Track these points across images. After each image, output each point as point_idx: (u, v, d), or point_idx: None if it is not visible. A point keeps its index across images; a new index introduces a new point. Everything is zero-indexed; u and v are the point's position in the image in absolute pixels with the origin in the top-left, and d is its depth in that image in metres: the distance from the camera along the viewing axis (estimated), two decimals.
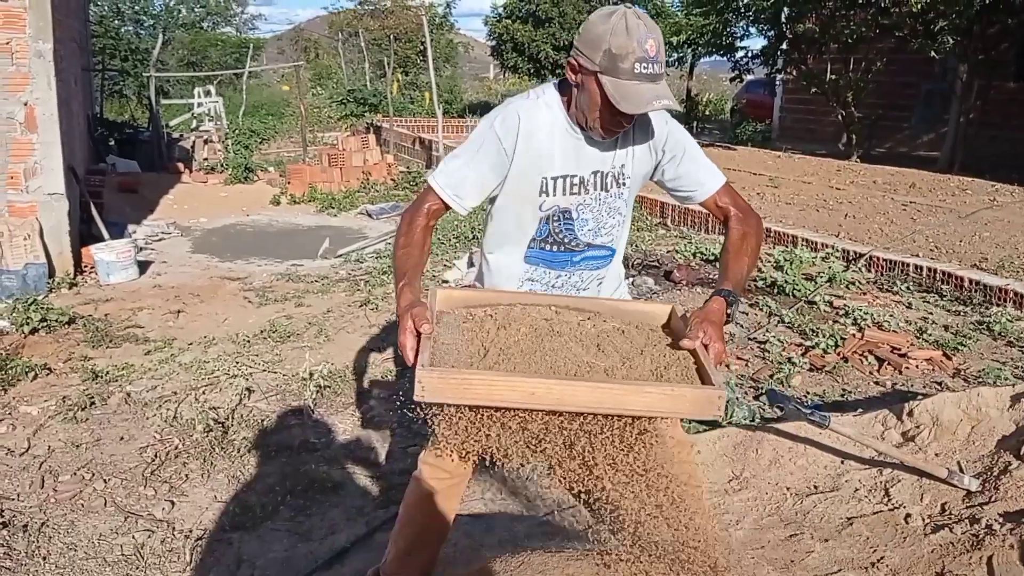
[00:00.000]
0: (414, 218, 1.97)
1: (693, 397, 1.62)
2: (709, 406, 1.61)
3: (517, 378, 1.58)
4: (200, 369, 4.49)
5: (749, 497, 3.10)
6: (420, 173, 11.87)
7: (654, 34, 1.80)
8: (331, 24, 31.26)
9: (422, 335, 1.64)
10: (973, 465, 2.96)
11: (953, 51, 11.78)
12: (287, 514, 3.10)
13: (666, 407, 1.63)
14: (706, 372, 1.68)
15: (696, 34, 16.68)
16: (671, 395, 1.62)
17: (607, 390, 1.60)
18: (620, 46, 1.77)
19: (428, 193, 2.00)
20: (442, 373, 1.56)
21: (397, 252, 1.93)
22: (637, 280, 6.23)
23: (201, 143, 13.56)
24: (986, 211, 8.20)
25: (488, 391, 1.56)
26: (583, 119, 1.91)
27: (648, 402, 1.60)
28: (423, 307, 1.71)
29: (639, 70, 1.77)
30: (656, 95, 1.78)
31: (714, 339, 1.74)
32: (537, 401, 1.57)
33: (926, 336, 4.89)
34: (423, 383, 1.54)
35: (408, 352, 1.63)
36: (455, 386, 1.55)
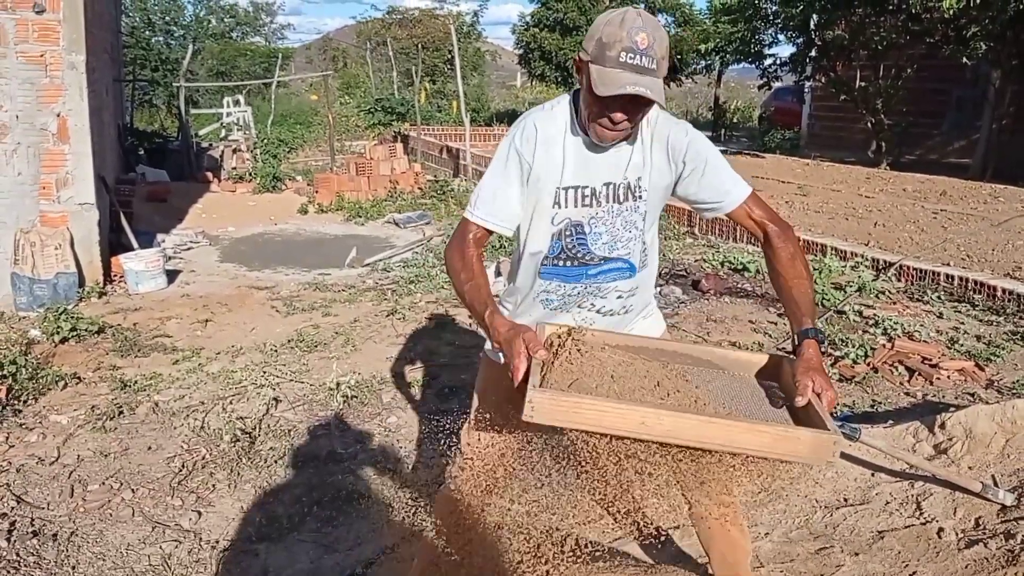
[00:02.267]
0: (464, 251, 1.96)
1: (809, 440, 1.58)
2: (824, 451, 1.58)
3: (628, 406, 1.58)
4: (227, 379, 4.52)
5: (778, 509, 3.06)
6: (447, 182, 11.90)
7: (650, 30, 1.77)
8: (359, 33, 31.50)
9: (534, 360, 1.64)
10: (1008, 479, 2.91)
11: (986, 57, 11.65)
12: (313, 525, 3.10)
13: (780, 449, 1.59)
14: (820, 419, 1.64)
15: (724, 42, 16.59)
16: (786, 437, 1.59)
17: (722, 426, 1.57)
18: (610, 35, 1.77)
19: (468, 225, 1.99)
20: (554, 395, 1.57)
21: (463, 287, 1.91)
22: (664, 290, 6.20)
23: (230, 152, 13.67)
24: (1020, 219, 8.08)
25: (598, 417, 1.56)
26: (583, 117, 1.90)
27: (762, 442, 1.58)
28: (533, 333, 1.71)
29: (624, 59, 1.75)
30: (634, 82, 1.74)
31: (825, 387, 1.71)
32: (646, 431, 1.56)
33: (958, 346, 4.82)
34: (534, 403, 1.54)
35: (519, 374, 1.64)
36: (566, 410, 1.56)
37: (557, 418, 1.56)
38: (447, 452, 3.57)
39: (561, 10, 21.99)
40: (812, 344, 1.80)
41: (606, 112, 1.81)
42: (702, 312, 5.73)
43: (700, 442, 1.58)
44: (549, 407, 1.55)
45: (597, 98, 1.79)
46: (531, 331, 1.71)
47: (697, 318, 5.59)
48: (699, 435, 1.57)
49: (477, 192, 2.01)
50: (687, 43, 20.91)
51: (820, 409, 1.66)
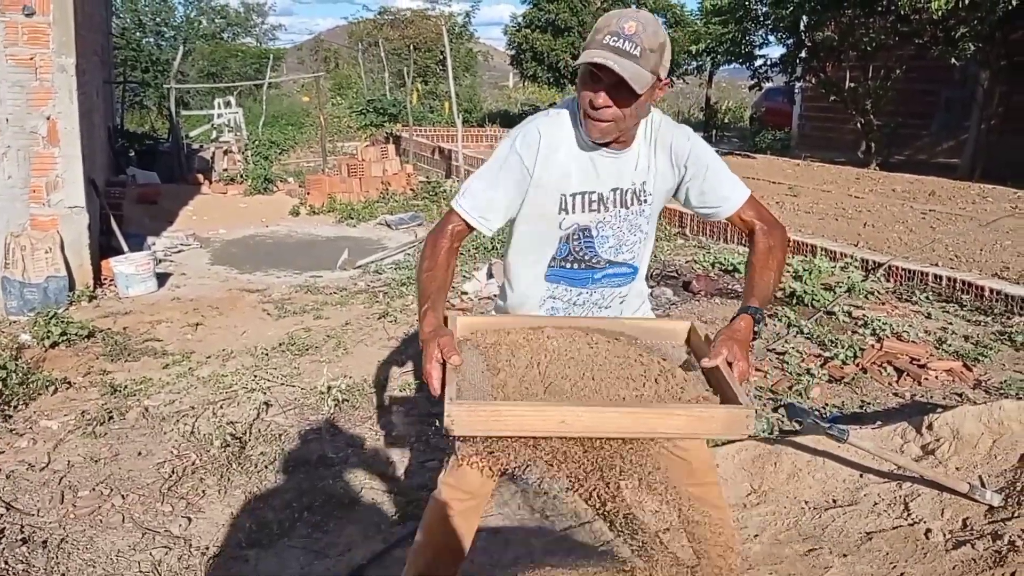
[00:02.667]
0: (438, 240, 1.97)
1: (722, 418, 1.62)
2: (738, 426, 1.61)
3: (546, 407, 1.59)
4: (218, 383, 4.52)
5: (767, 511, 3.08)
6: (440, 183, 11.90)
7: (643, 22, 1.79)
8: (351, 34, 31.46)
9: (448, 366, 1.65)
10: (995, 480, 2.93)
11: (974, 58, 11.73)
12: (304, 531, 3.10)
13: (696, 429, 1.64)
14: (732, 390, 1.66)
15: (715, 42, 16.64)
16: (700, 416, 1.62)
17: (637, 415, 1.60)
18: (601, 22, 1.81)
19: (451, 215, 2.00)
20: (471, 406, 1.57)
21: (422, 275, 1.92)
22: (656, 291, 6.21)
23: (221, 154, 13.64)
24: (1008, 219, 8.13)
25: (518, 422, 1.57)
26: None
27: (677, 425, 1.60)
28: (450, 336, 1.71)
29: (607, 41, 1.77)
30: (605, 56, 1.76)
31: (739, 357, 1.72)
32: (567, 429, 1.58)
33: (946, 347, 4.85)
34: (452, 416, 1.54)
35: (434, 383, 1.63)
36: (485, 419, 1.57)
37: (477, 428, 1.57)
38: (438, 457, 3.59)
39: (553, 11, 22.00)
40: (745, 318, 1.83)
41: (588, 96, 1.83)
42: (693, 313, 5.75)
43: (620, 432, 1.61)
44: (468, 418, 1.55)
45: (580, 83, 1.84)
46: (448, 335, 1.71)
47: (687, 319, 5.59)
48: (618, 426, 1.59)
49: (467, 184, 2.02)
50: (678, 44, 20.91)
51: (732, 381, 1.68)
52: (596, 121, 1.85)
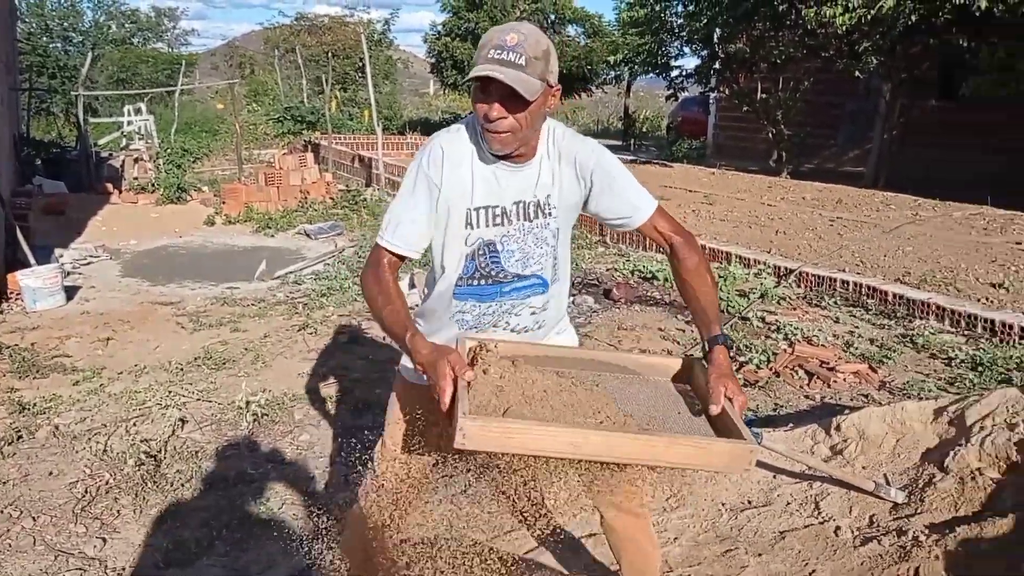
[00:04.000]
0: (379, 275, 1.97)
1: (727, 451, 1.65)
2: (741, 460, 1.65)
3: (558, 428, 1.62)
4: (131, 399, 4.39)
5: (686, 514, 3.15)
6: (360, 192, 11.81)
7: (524, 32, 1.84)
8: (267, 40, 30.98)
9: (459, 383, 1.66)
10: (899, 478, 3.06)
11: (877, 71, 12.22)
12: (223, 549, 3.05)
13: (700, 461, 1.66)
14: (735, 426, 1.71)
15: (632, 53, 16.98)
16: (705, 448, 1.65)
17: (645, 442, 1.64)
18: (484, 40, 1.85)
19: (380, 251, 2.00)
20: (484, 422, 1.59)
21: (382, 312, 1.92)
22: (577, 299, 6.29)
23: (131, 162, 13.26)
24: (909, 226, 8.48)
25: (528, 441, 1.60)
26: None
27: (682, 455, 1.64)
28: (458, 353, 1.72)
29: (491, 55, 1.81)
30: (491, 68, 1.80)
31: (736, 393, 1.78)
32: (575, 451, 1.61)
33: (853, 350, 5.03)
34: (465, 431, 1.56)
35: (446, 398, 1.65)
36: (497, 435, 1.59)
37: (489, 444, 1.60)
38: (360, 470, 3.56)
39: (473, 20, 22.10)
40: (722, 350, 1.89)
41: (485, 110, 1.86)
42: (613, 321, 5.84)
43: (627, 459, 1.66)
44: (480, 434, 1.58)
45: (475, 97, 1.87)
46: (455, 352, 1.73)
47: (609, 327, 5.69)
48: (626, 453, 1.64)
49: (388, 217, 2.02)
50: (597, 54, 21.30)
51: (734, 415, 1.73)
52: (494, 133, 1.88)
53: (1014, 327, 5.09)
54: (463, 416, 1.57)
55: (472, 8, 22.39)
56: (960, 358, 4.83)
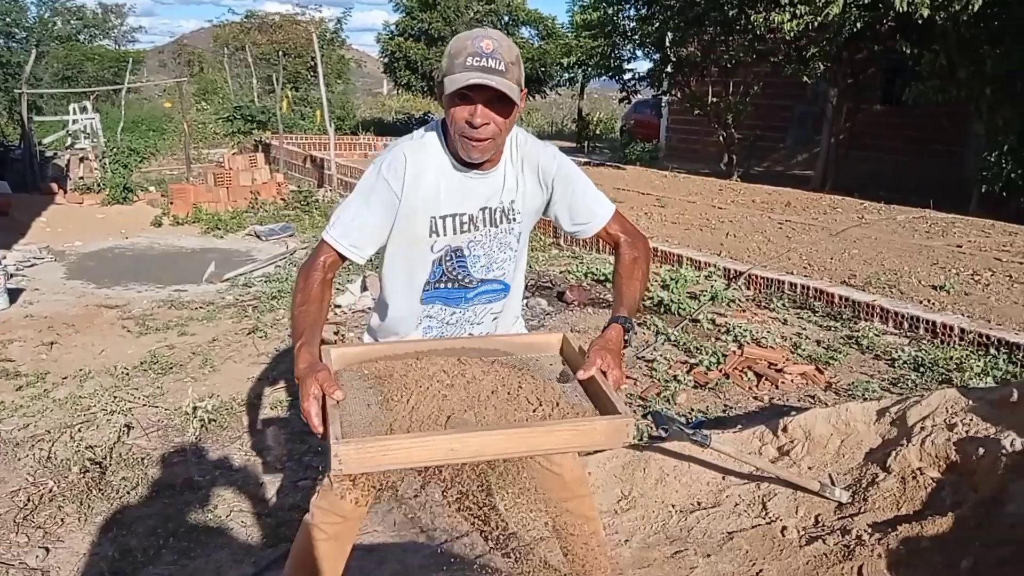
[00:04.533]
0: (310, 273, 1.93)
1: (604, 429, 1.67)
2: (619, 435, 1.67)
3: (434, 437, 1.60)
4: (75, 405, 4.30)
5: (637, 516, 3.18)
6: (312, 193, 11.70)
7: (496, 39, 1.84)
8: (216, 37, 30.55)
9: (328, 403, 1.62)
10: (843, 478, 3.11)
11: (824, 76, 12.46)
12: (170, 557, 3.00)
13: (580, 442, 1.68)
14: (609, 400, 1.71)
15: (586, 56, 17.05)
16: (582, 430, 1.66)
17: (522, 435, 1.63)
18: (457, 47, 1.84)
19: (323, 246, 1.97)
20: (359, 444, 1.55)
21: (295, 310, 1.88)
22: (531, 301, 6.31)
23: (76, 162, 12.97)
24: (855, 229, 8.66)
25: (407, 455, 1.58)
26: (452, 139, 1.92)
27: (562, 439, 1.65)
28: (327, 371, 1.68)
29: (471, 63, 1.80)
30: (479, 76, 1.79)
31: (612, 366, 1.78)
32: (455, 456, 1.60)
33: (800, 351, 5.12)
34: (340, 457, 1.52)
35: (314, 419, 1.60)
36: (374, 455, 1.55)
37: (367, 464, 1.56)
38: (311, 475, 3.54)
39: (426, 20, 22.06)
40: (615, 327, 1.90)
41: (465, 117, 1.84)
42: (567, 323, 5.87)
43: (507, 453, 1.66)
44: (357, 456, 1.54)
45: (452, 104, 1.84)
46: (324, 369, 1.69)
47: (562, 329, 5.70)
48: (505, 448, 1.63)
49: (336, 214, 1.99)
50: (551, 56, 21.37)
51: (609, 390, 1.74)
52: (477, 140, 1.87)
53: (954, 328, 5.22)
54: (335, 441, 1.53)
55: (425, 8, 22.34)
56: (903, 359, 4.94)
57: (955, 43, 10.08)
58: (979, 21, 9.53)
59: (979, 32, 9.88)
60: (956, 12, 9.28)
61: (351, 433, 1.60)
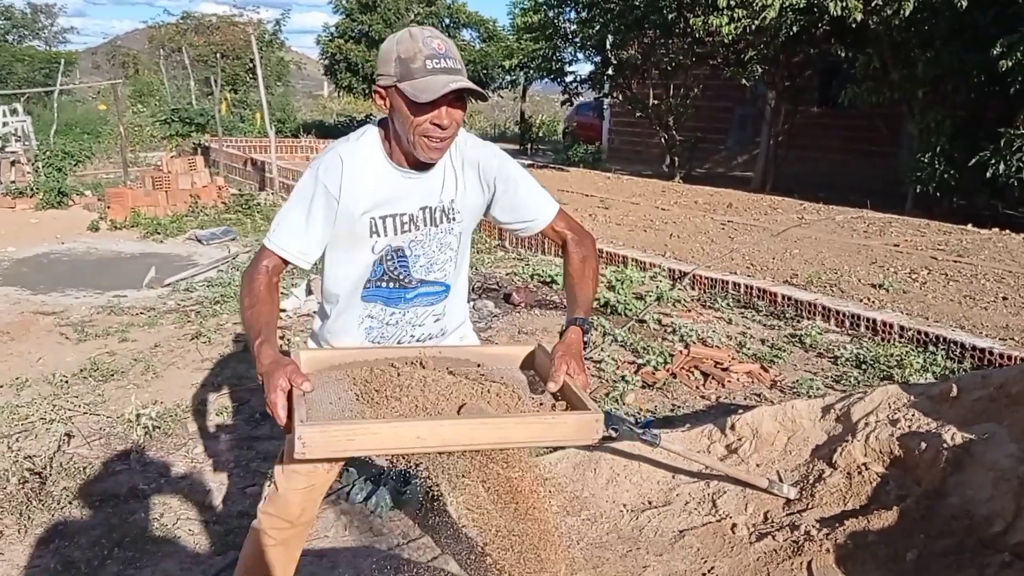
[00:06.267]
0: (254, 277, 1.91)
1: (574, 423, 1.67)
2: (589, 430, 1.67)
3: (402, 424, 1.59)
4: (12, 414, 4.17)
5: (588, 516, 3.19)
6: (253, 196, 11.52)
7: (441, 38, 1.84)
8: (151, 39, 29.98)
9: (294, 393, 1.60)
10: (791, 474, 3.17)
11: (762, 79, 12.72)
12: (115, 568, 2.92)
13: (550, 435, 1.69)
14: (578, 398, 1.73)
15: (528, 58, 17.14)
16: (553, 423, 1.67)
17: (492, 426, 1.63)
18: (407, 50, 1.82)
19: (265, 252, 1.95)
20: (324, 428, 1.53)
21: (244, 314, 1.86)
22: (478, 304, 6.30)
23: (8, 165, 12.59)
24: (795, 229, 8.84)
25: (374, 440, 1.56)
26: (404, 142, 1.90)
27: (532, 432, 1.65)
28: (295, 365, 1.67)
29: (431, 66, 1.79)
30: (451, 80, 1.79)
31: (577, 370, 1.80)
32: (423, 444, 1.58)
33: (745, 350, 5.21)
34: (305, 440, 1.49)
35: (279, 411, 1.59)
36: (339, 439, 1.53)
37: (332, 449, 1.55)
38: (259, 481, 3.48)
39: (366, 22, 21.93)
40: (575, 330, 1.91)
41: (433, 121, 1.83)
42: (514, 325, 5.88)
43: (476, 444, 1.66)
44: (321, 440, 1.52)
45: (419, 111, 1.81)
46: (292, 363, 1.68)
47: (509, 331, 5.72)
48: (473, 438, 1.63)
49: (277, 220, 1.97)
50: (492, 58, 21.42)
51: (578, 390, 1.76)
52: (439, 141, 1.87)
53: (894, 326, 5.36)
54: (300, 424, 1.52)
55: (365, 10, 22.22)
56: (845, 356, 5.06)
57: (888, 47, 10.36)
58: (910, 25, 9.82)
59: (910, 36, 10.17)
60: (888, 17, 9.55)
61: (317, 419, 1.58)
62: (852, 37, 10.79)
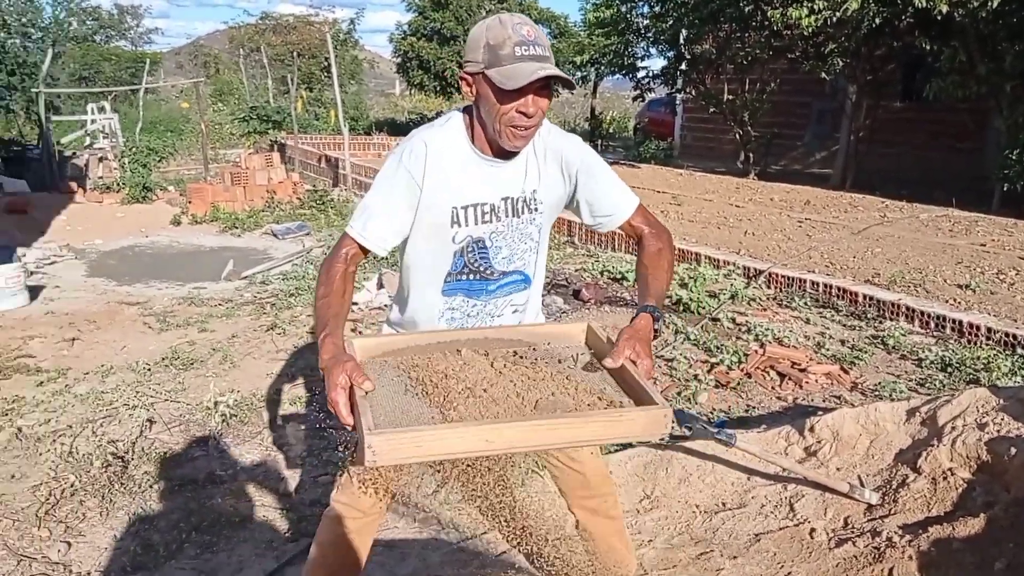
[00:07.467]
0: (332, 265, 1.91)
1: (643, 419, 1.61)
2: (658, 425, 1.61)
3: (469, 428, 1.57)
4: (97, 400, 4.31)
5: (660, 516, 3.14)
6: (327, 192, 11.71)
7: (531, 25, 1.81)
8: (232, 39, 30.74)
9: (356, 394, 1.59)
10: (873, 479, 3.07)
11: (842, 72, 12.37)
12: (192, 552, 2.99)
13: (617, 433, 1.64)
14: (643, 390, 1.66)
15: (599, 54, 17.02)
16: (621, 420, 1.61)
17: (559, 426, 1.59)
18: (495, 36, 1.79)
19: (345, 239, 1.94)
20: (392, 435, 1.52)
21: (317, 303, 1.85)
22: (547, 299, 6.28)
23: (95, 161, 13.06)
24: (877, 227, 8.58)
25: (442, 446, 1.54)
26: (490, 129, 1.88)
27: (599, 430, 1.60)
28: (354, 361, 1.65)
29: (520, 53, 1.76)
30: (540, 67, 1.76)
31: (642, 355, 1.72)
32: (491, 447, 1.56)
33: (824, 351, 5.07)
34: (374, 448, 1.48)
35: (342, 410, 1.57)
36: (408, 445, 1.52)
37: (401, 456, 1.53)
38: (331, 471, 3.52)
39: (438, 20, 22.06)
40: (644, 316, 1.83)
41: (519, 109, 1.80)
42: (583, 321, 5.82)
43: (543, 444, 1.62)
44: (390, 448, 1.50)
45: (506, 98, 1.79)
46: (351, 359, 1.65)
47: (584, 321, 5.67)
48: (542, 440, 1.59)
49: (360, 208, 1.96)
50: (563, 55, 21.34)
51: (640, 378, 1.69)
52: (525, 129, 1.84)
53: (981, 328, 5.16)
54: (368, 432, 1.49)
55: (438, 8, 22.34)
56: (930, 359, 4.88)
57: (974, 39, 9.98)
58: (998, 17, 9.42)
59: (998, 29, 9.77)
60: (974, 8, 9.18)
61: (383, 424, 1.56)
62: (937, 29, 10.41)
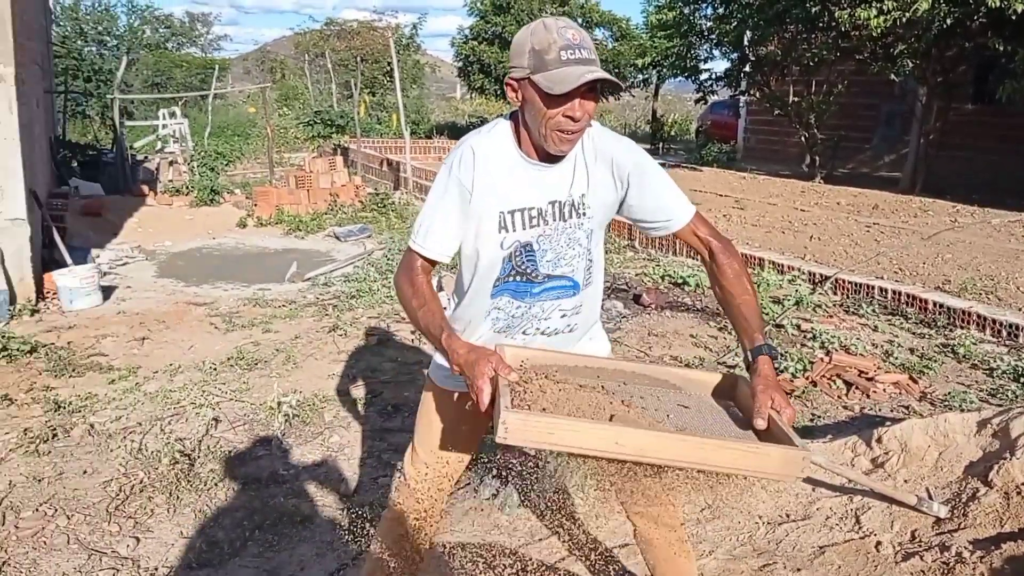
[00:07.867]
0: (413, 279, 1.95)
1: (779, 456, 1.60)
2: (794, 465, 1.60)
3: (603, 426, 1.58)
4: (166, 398, 4.42)
5: (722, 526, 3.10)
6: (388, 195, 11.84)
7: (575, 28, 1.81)
8: (297, 45, 31.26)
9: (500, 383, 1.63)
10: (941, 492, 2.98)
11: (912, 74, 12.06)
12: (255, 550, 3.04)
13: (751, 465, 1.61)
14: (784, 433, 1.66)
15: (661, 56, 16.89)
16: (757, 453, 1.61)
17: (693, 444, 1.59)
18: (541, 41, 1.78)
19: (412, 255, 1.98)
20: (527, 416, 1.56)
21: (417, 314, 1.89)
22: (606, 304, 6.24)
23: (166, 165, 13.41)
24: (948, 232, 8.35)
25: (571, 438, 1.56)
26: (535, 134, 1.87)
27: (733, 459, 1.59)
28: (500, 356, 1.71)
29: (566, 57, 1.76)
30: (588, 71, 1.75)
31: (783, 406, 1.73)
32: (619, 450, 1.57)
33: (892, 359, 4.94)
34: (507, 425, 1.54)
35: (484, 397, 1.63)
36: (539, 430, 1.56)
37: (530, 438, 1.56)
38: (390, 472, 3.56)
39: (500, 23, 22.15)
40: (766, 361, 1.82)
41: (566, 113, 1.79)
42: (644, 327, 5.79)
43: (673, 460, 1.60)
44: (522, 427, 1.55)
45: (553, 103, 1.78)
46: (495, 353, 1.71)
47: (639, 332, 5.64)
48: (673, 453, 1.58)
49: (419, 221, 1.98)
50: (625, 57, 21.25)
51: (783, 425, 1.68)
52: (572, 134, 1.84)
53: None
54: (506, 409, 1.54)
55: (499, 12, 22.43)
56: (1002, 368, 4.73)
57: None
58: None
59: None
60: None
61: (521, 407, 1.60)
62: (1011, 29, 10.07)
